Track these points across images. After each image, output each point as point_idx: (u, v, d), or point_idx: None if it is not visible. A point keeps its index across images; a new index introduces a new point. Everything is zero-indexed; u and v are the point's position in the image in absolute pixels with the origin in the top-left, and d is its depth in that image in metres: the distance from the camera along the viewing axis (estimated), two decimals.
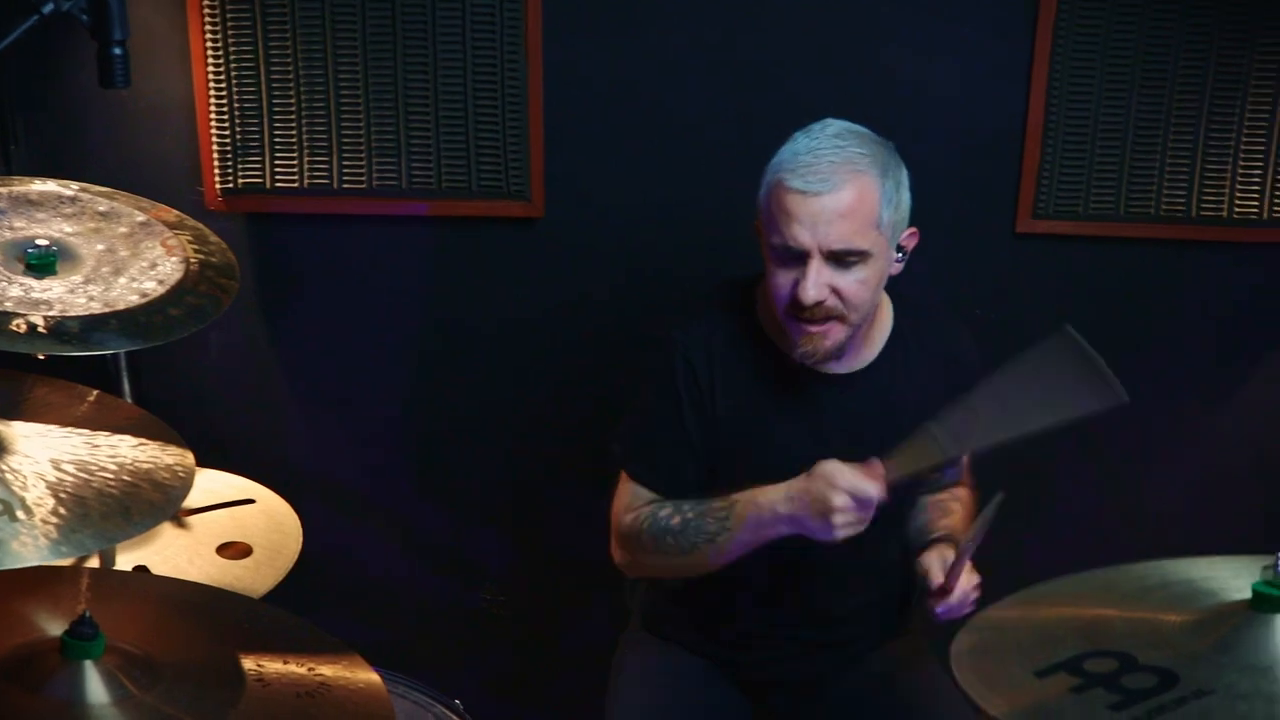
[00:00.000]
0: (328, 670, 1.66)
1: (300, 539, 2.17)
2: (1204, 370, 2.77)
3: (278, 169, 2.68)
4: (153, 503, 1.65)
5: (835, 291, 1.95)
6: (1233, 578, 1.41)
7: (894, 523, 2.21)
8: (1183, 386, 2.76)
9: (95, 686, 1.49)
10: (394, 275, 2.77)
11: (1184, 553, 1.53)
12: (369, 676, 1.67)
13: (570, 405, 2.81)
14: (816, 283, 1.93)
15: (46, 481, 1.59)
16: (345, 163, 2.67)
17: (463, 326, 2.79)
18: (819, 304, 1.95)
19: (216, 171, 2.68)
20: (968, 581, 2.00)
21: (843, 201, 1.93)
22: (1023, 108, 2.62)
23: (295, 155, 2.67)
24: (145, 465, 1.71)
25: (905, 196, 2.04)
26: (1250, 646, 1.30)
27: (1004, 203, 2.69)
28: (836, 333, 2.00)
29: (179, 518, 2.15)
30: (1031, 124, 2.62)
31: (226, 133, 2.66)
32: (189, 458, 1.75)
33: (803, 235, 1.93)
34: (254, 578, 2.03)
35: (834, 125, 2.00)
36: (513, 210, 2.70)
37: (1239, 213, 2.65)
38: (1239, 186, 2.64)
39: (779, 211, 1.96)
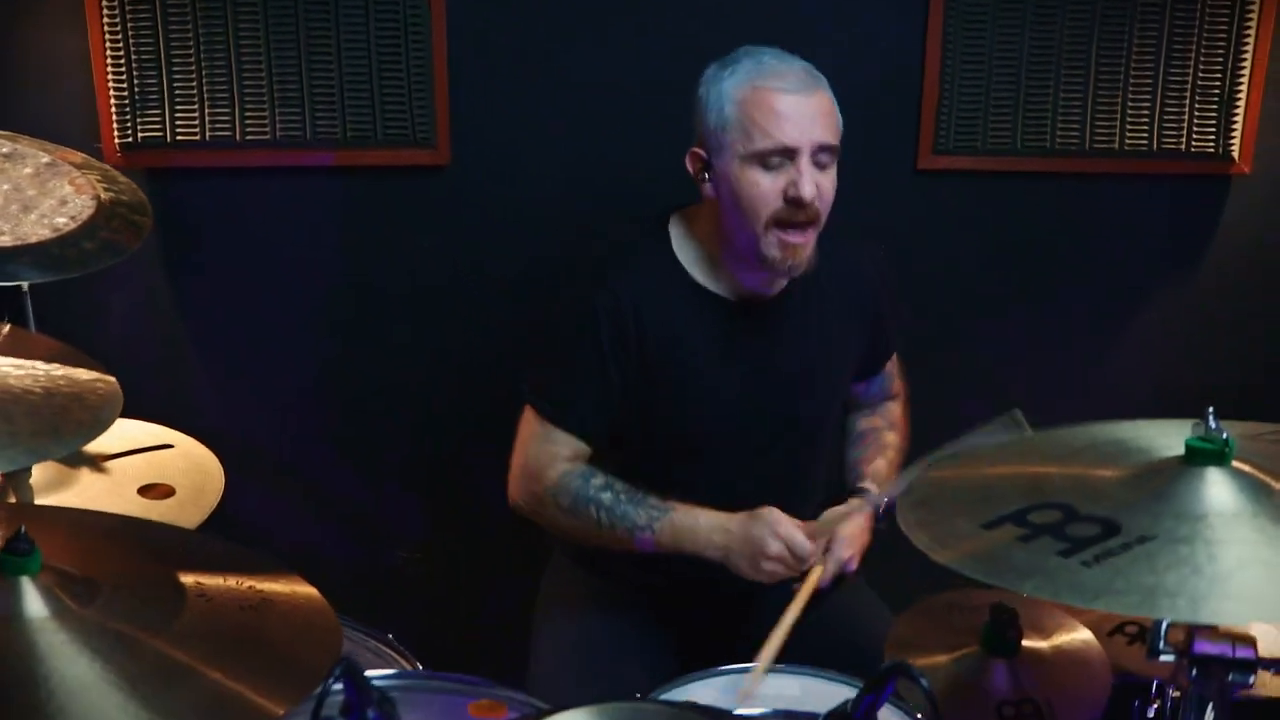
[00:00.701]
0: (267, 586, 1.64)
1: (222, 478, 2.13)
2: (1099, 296, 2.86)
3: (178, 121, 2.63)
4: (81, 422, 1.61)
5: (819, 190, 2.01)
6: (1160, 437, 1.46)
7: (824, 446, 2.26)
8: (1078, 313, 2.85)
9: (33, 602, 1.44)
10: (300, 227, 2.74)
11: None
12: (309, 591, 1.65)
13: (481, 352, 2.80)
14: (810, 180, 1.99)
15: None
16: (248, 114, 2.64)
17: (371, 277, 2.77)
18: (811, 204, 2.00)
19: (115, 125, 2.62)
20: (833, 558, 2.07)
21: (822, 102, 2.02)
22: (920, 47, 2.68)
23: (196, 107, 2.62)
24: (69, 389, 1.67)
25: None
26: (1186, 497, 1.34)
27: (905, 140, 2.75)
28: (811, 240, 2.05)
29: (96, 462, 2.10)
30: (929, 63, 2.69)
31: (124, 85, 2.60)
32: (113, 381, 1.71)
33: (795, 133, 1.98)
34: (178, 517, 1.99)
35: (764, 48, 2.06)
36: (419, 158, 2.68)
37: (1129, 145, 2.74)
38: (1129, 119, 2.73)
39: (766, 115, 1.99)
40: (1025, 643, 1.66)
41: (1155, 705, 2.03)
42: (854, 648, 1.98)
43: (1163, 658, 1.36)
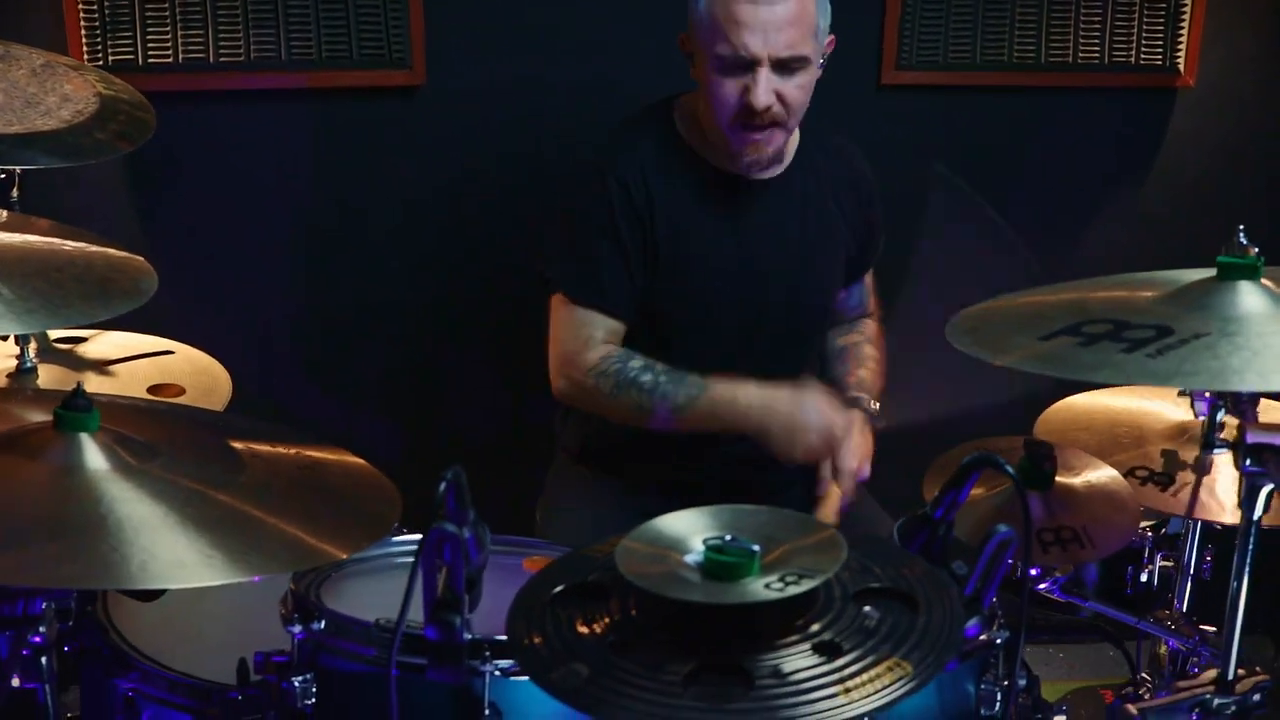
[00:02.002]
0: (316, 454, 1.65)
1: (229, 379, 2.12)
2: (1054, 203, 2.97)
3: (150, 44, 2.60)
4: (125, 289, 1.60)
5: (780, 98, 2.06)
6: (1179, 276, 1.55)
7: (819, 334, 2.32)
8: (1035, 219, 2.96)
9: (94, 456, 1.45)
10: (276, 149, 2.72)
11: None
12: (356, 460, 1.66)
13: (461, 268, 2.81)
14: (766, 89, 2.03)
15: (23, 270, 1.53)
16: (221, 35, 2.61)
17: (348, 198, 2.77)
18: (768, 109, 2.04)
19: (85, 48, 2.58)
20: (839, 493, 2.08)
21: (790, 9, 2.04)
22: None
23: (169, 29, 2.59)
24: (104, 262, 1.66)
25: (829, 7, 2.15)
26: (1226, 304, 1.43)
27: (868, 56, 2.82)
28: (777, 139, 2.11)
29: (101, 367, 2.08)
30: None
31: (94, 7, 2.56)
32: (142, 260, 1.70)
33: (754, 43, 2.02)
34: None
35: None
36: (394, 79, 2.69)
37: (1083, 58, 2.84)
38: (1082, 33, 2.83)
39: (728, 21, 2.03)
40: (1059, 479, 1.73)
41: (1147, 570, 2.11)
42: None
43: (1216, 452, 1.43)
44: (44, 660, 1.42)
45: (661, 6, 2.32)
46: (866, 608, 1.20)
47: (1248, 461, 1.35)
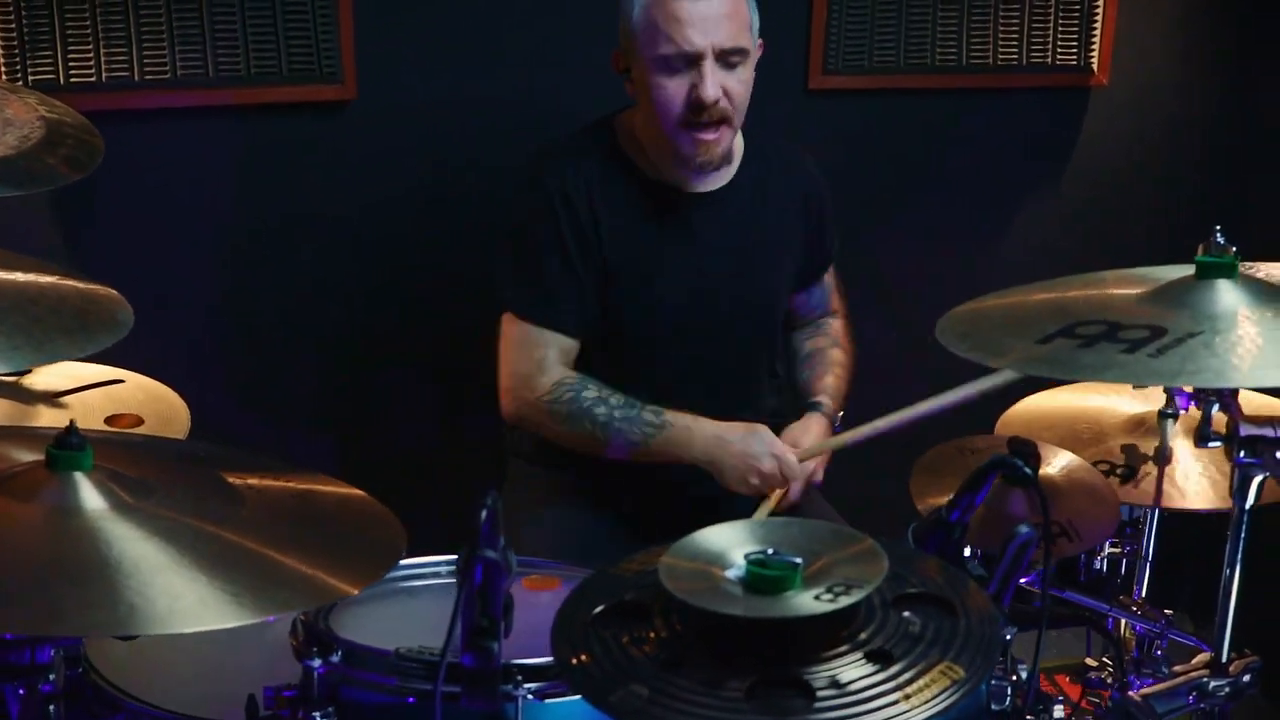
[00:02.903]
0: (305, 485, 1.62)
1: (186, 407, 2.07)
2: (977, 200, 3.05)
3: (71, 63, 2.52)
4: (104, 321, 1.56)
5: (725, 92, 2.09)
6: (1148, 274, 1.61)
7: (772, 341, 2.35)
8: (959, 216, 3.04)
9: (90, 495, 1.40)
10: (204, 168, 2.66)
11: None
12: (348, 488, 1.64)
13: (392, 289, 2.79)
14: (713, 81, 2.06)
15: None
16: (146, 52, 2.55)
17: (278, 215, 2.72)
18: (716, 103, 2.05)
19: (3, 68, 2.50)
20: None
21: (726, 3, 2.08)
22: None
23: (90, 47, 2.52)
24: (75, 294, 1.62)
25: (756, 6, 2.20)
26: (1209, 303, 1.48)
27: (796, 61, 2.86)
28: (725, 137, 2.13)
29: (52, 399, 2.01)
30: None
31: (12, 26, 2.48)
32: (113, 291, 1.66)
33: (696, 37, 2.05)
34: None
35: None
36: (325, 94, 2.65)
37: (1002, 60, 2.92)
38: (1001, 36, 2.91)
39: (667, 21, 2.06)
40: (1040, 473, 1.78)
41: (1099, 558, 2.18)
42: None
43: (1211, 444, 1.49)
44: (52, 709, 1.38)
45: (595, 18, 2.31)
46: (906, 613, 1.22)
47: (1242, 453, 1.40)
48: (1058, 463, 1.84)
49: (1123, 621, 1.99)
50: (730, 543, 1.25)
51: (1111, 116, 3.04)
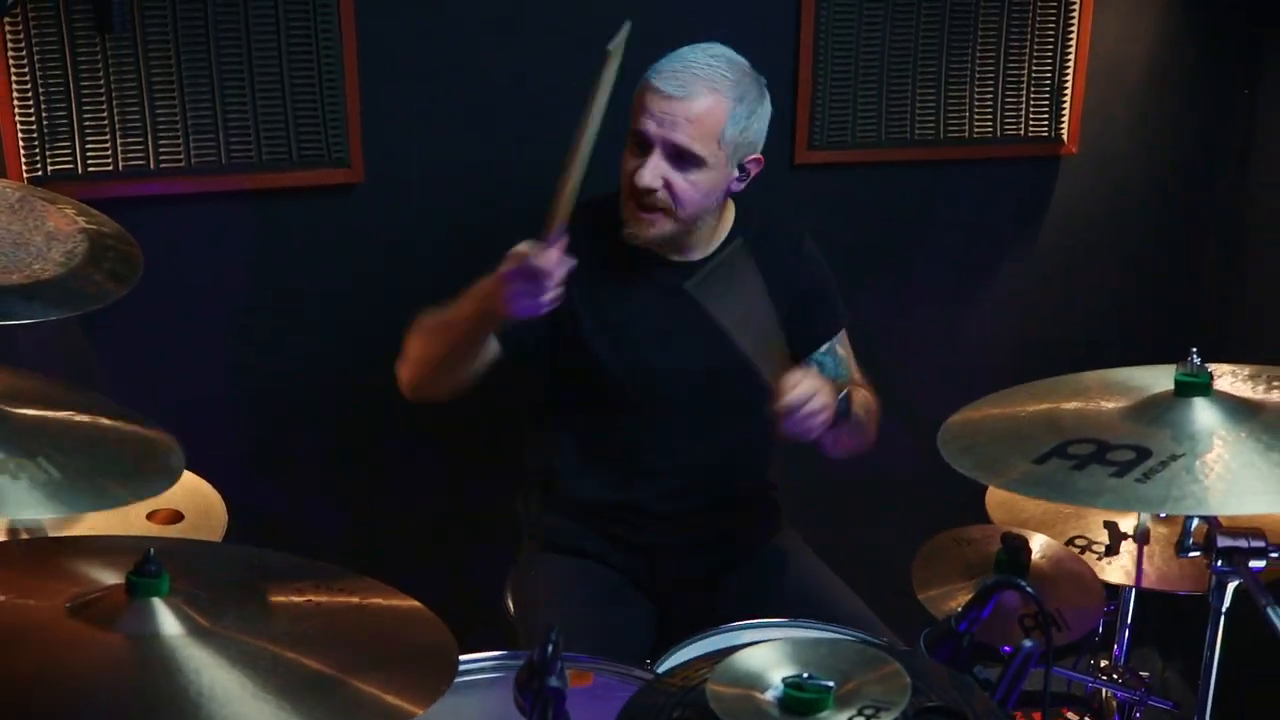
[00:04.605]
0: (360, 597, 1.71)
1: (221, 499, 2.17)
2: (956, 268, 3.20)
3: (89, 153, 2.63)
4: (158, 468, 1.66)
5: (668, 186, 2.22)
6: (1127, 380, 1.75)
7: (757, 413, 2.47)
8: (939, 284, 3.19)
9: (167, 620, 1.49)
10: (218, 251, 2.77)
11: None
12: (401, 598, 1.73)
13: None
14: (653, 172, 2.20)
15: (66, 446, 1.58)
16: (161, 142, 2.66)
17: (290, 295, 2.83)
18: (651, 192, 2.21)
19: (23, 160, 2.60)
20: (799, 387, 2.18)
21: (692, 109, 2.20)
22: (794, 51, 2.93)
23: (108, 137, 2.63)
24: (133, 436, 1.71)
25: (756, 125, 2.30)
26: (1188, 422, 1.62)
27: (782, 137, 2.99)
28: (662, 224, 2.26)
29: None
30: (802, 65, 2.94)
31: (31, 117, 2.58)
32: (167, 434, 1.76)
33: (650, 126, 2.20)
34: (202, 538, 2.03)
35: (717, 47, 2.26)
36: (334, 178, 2.76)
37: (977, 133, 3.07)
38: (976, 110, 3.05)
39: (638, 104, 2.23)
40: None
41: None
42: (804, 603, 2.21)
43: (1191, 554, 1.63)
44: None
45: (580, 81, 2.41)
46: None
47: (1219, 562, 1.55)
48: (1047, 553, 1.98)
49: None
50: (768, 664, 1.38)
51: (1082, 183, 3.19)
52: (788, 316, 2.47)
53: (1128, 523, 2.12)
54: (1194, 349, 1.69)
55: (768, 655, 1.39)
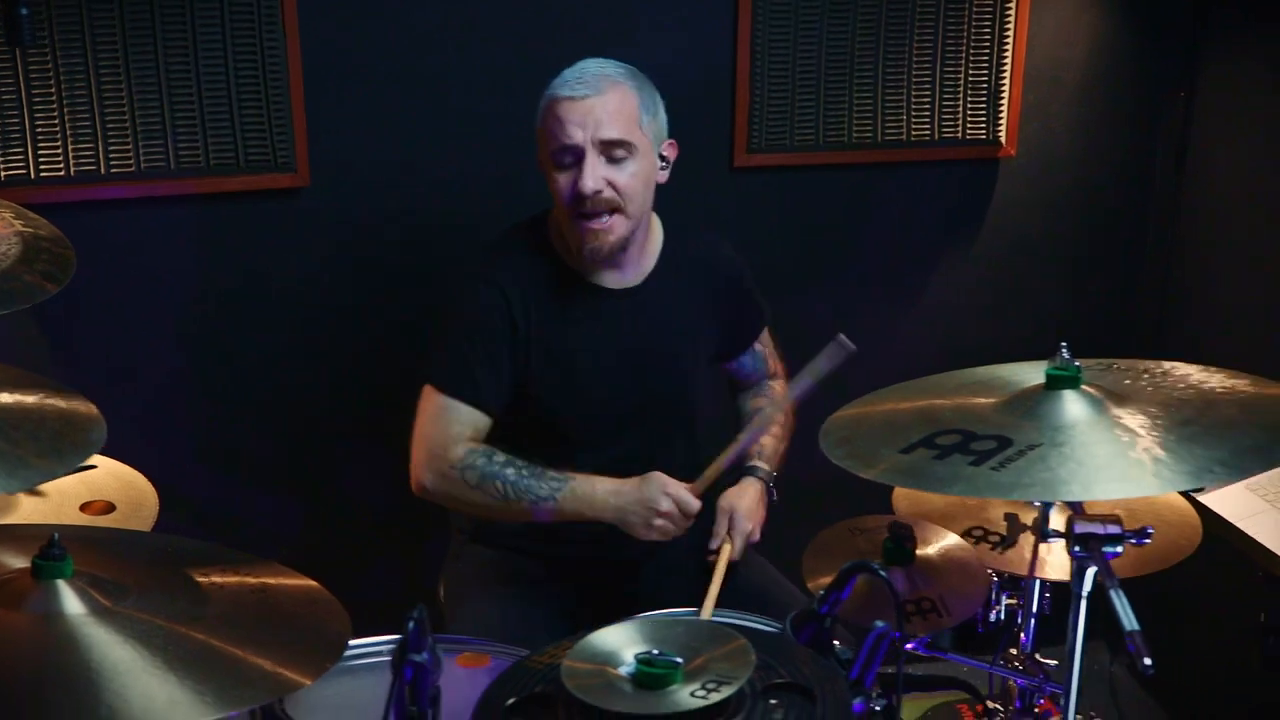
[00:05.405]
0: (265, 578, 1.80)
1: (154, 492, 2.25)
2: (894, 268, 3.27)
3: (41, 158, 2.71)
4: (75, 443, 1.74)
5: (611, 184, 2.27)
6: (1011, 375, 1.82)
7: (694, 423, 2.55)
8: (876, 284, 3.26)
9: (71, 601, 1.58)
10: (167, 254, 2.85)
11: None
12: (298, 578, 1.82)
13: (344, 361, 2.98)
14: (594, 173, 2.25)
15: None
16: (111, 148, 2.74)
17: (236, 297, 2.92)
18: (598, 194, 2.25)
19: None
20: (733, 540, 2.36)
21: (608, 103, 2.27)
22: (731, 55, 3.00)
23: (59, 144, 2.71)
24: (55, 414, 1.80)
25: (661, 113, 2.39)
26: (1054, 413, 1.69)
27: (721, 141, 3.07)
28: (619, 227, 2.30)
29: (33, 488, 2.19)
30: (740, 70, 3.01)
31: None
32: (92, 406, 1.84)
33: (576, 132, 2.25)
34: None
35: (594, 59, 2.34)
36: (280, 182, 2.84)
37: (915, 135, 3.13)
38: (914, 113, 3.12)
39: (553, 121, 2.27)
40: (917, 553, 1.99)
41: (995, 611, 2.38)
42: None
43: (1050, 539, 1.70)
44: None
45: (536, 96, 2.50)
46: (773, 701, 1.43)
47: (1076, 548, 1.61)
48: (939, 543, 2.05)
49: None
50: (623, 643, 1.45)
51: (1020, 185, 3.25)
52: (719, 327, 2.55)
53: (1030, 515, 2.18)
54: (1063, 344, 1.76)
55: (624, 634, 1.46)
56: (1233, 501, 2.36)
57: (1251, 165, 3.08)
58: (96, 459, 2.34)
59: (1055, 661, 2.30)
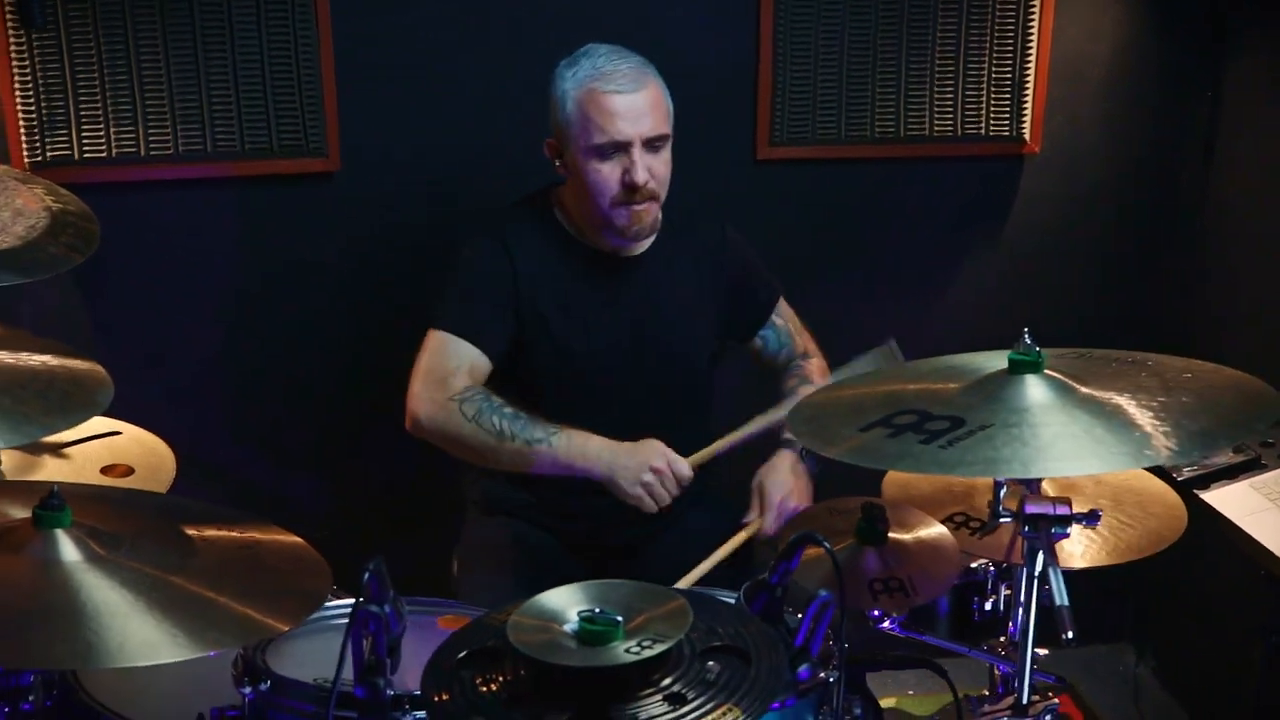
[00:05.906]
0: (255, 534, 1.90)
1: (173, 457, 2.36)
2: (915, 264, 3.29)
3: (84, 140, 2.84)
4: (81, 402, 1.86)
5: (651, 173, 2.38)
6: (983, 362, 1.86)
7: (695, 397, 2.61)
8: (898, 278, 3.28)
9: (69, 549, 1.69)
10: (203, 234, 2.97)
11: None
12: (289, 536, 1.92)
13: (375, 341, 3.07)
14: (643, 166, 2.37)
15: None
16: (151, 131, 2.86)
17: (269, 277, 3.03)
18: (646, 184, 2.37)
19: (24, 146, 2.81)
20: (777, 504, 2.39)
21: (650, 97, 2.39)
22: (754, 49, 3.05)
23: (101, 126, 2.84)
24: (65, 375, 1.91)
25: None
26: (1013, 397, 1.74)
27: (744, 134, 3.12)
28: (654, 209, 2.43)
29: (57, 449, 2.31)
30: (763, 63, 3.06)
31: (32, 108, 2.79)
32: (101, 370, 1.95)
33: (627, 128, 2.36)
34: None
35: (603, 46, 2.43)
36: (312, 166, 2.95)
37: (937, 131, 3.16)
38: (936, 108, 3.15)
39: (600, 114, 2.36)
40: (892, 535, 2.04)
41: (991, 600, 2.41)
42: None
43: (1002, 519, 1.75)
44: None
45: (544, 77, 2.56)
46: (710, 663, 1.49)
47: (1026, 528, 1.66)
48: (917, 526, 2.09)
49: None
50: (570, 602, 1.52)
51: (1044, 181, 3.26)
52: (725, 302, 2.62)
53: (1013, 501, 2.21)
54: (1026, 330, 1.80)
55: (570, 595, 1.53)
56: (1234, 500, 2.38)
57: (1278, 161, 3.07)
58: (122, 426, 2.46)
59: (1045, 650, 2.33)
